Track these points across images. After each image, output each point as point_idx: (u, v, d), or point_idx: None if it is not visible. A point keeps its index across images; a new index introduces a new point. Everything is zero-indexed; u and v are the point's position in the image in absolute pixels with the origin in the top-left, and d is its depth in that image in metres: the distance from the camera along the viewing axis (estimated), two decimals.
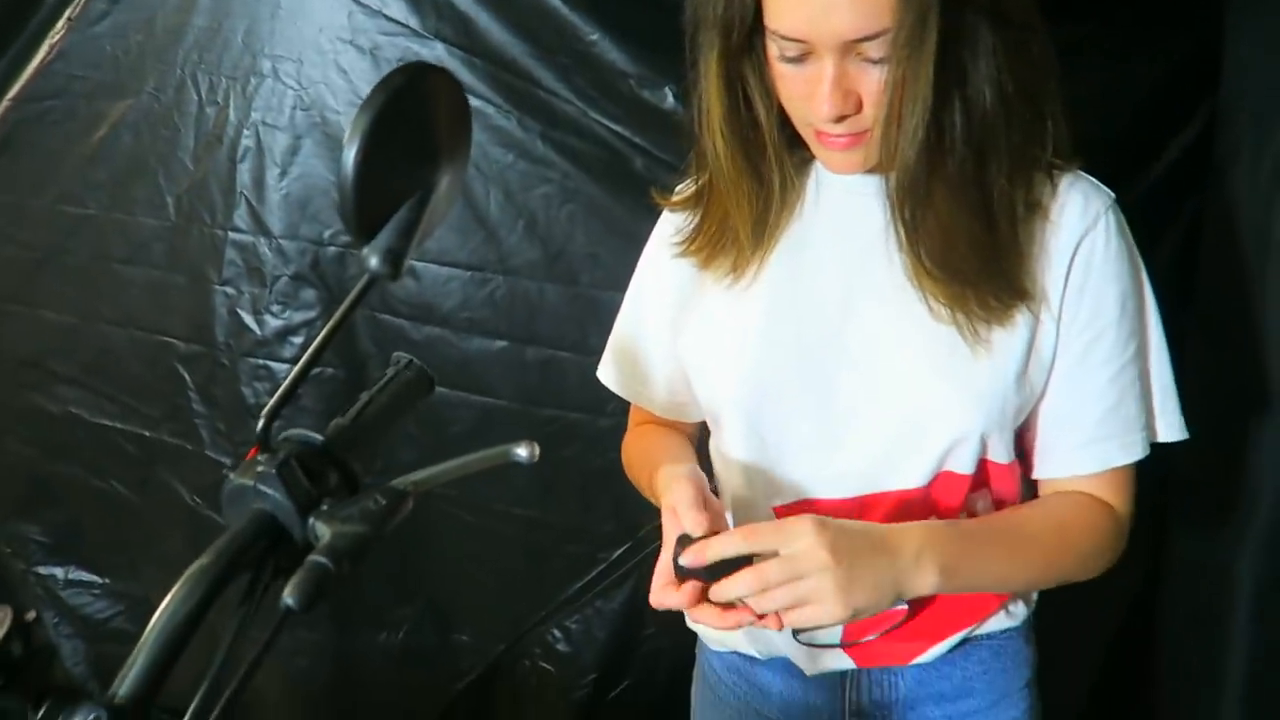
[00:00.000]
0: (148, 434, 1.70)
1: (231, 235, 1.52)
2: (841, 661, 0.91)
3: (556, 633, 1.52)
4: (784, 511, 0.87)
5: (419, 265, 1.43)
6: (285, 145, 1.46)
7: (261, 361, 1.55)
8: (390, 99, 0.51)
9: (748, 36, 0.78)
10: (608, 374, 1.02)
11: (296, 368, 0.54)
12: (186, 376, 1.63)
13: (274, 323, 1.52)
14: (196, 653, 0.52)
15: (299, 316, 1.51)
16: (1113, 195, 0.83)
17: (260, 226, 1.50)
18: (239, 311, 1.54)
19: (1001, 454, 0.85)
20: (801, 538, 0.71)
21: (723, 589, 0.72)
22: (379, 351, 1.49)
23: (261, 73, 1.46)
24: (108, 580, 1.84)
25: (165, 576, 0.52)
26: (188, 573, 0.52)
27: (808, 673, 0.93)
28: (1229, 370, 1.13)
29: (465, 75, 1.35)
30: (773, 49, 0.77)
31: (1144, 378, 0.85)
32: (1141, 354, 0.85)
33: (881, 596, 0.73)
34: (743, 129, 0.83)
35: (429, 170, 0.56)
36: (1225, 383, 1.13)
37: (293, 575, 0.51)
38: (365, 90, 1.40)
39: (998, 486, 0.88)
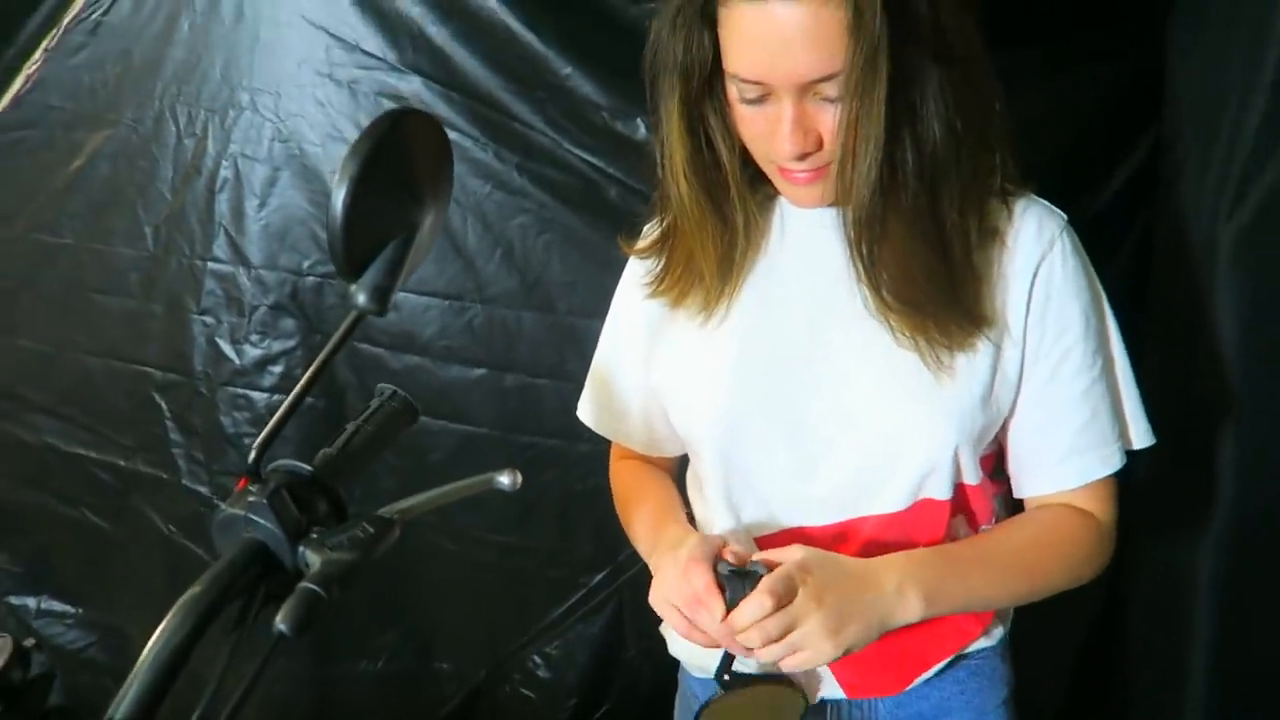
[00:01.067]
0: (123, 463, 1.69)
1: (210, 265, 1.53)
2: (833, 691, 0.92)
3: (537, 659, 1.53)
4: (766, 543, 0.89)
5: (398, 295, 1.44)
6: (264, 177, 1.48)
7: (240, 390, 1.55)
8: (377, 144, 0.54)
9: (708, 80, 0.81)
10: (586, 413, 1.04)
11: (287, 401, 0.55)
12: (164, 405, 1.62)
13: (253, 352, 1.53)
14: (178, 690, 0.53)
15: (278, 346, 1.52)
16: (1065, 217, 0.87)
17: (239, 257, 1.51)
18: (217, 340, 1.55)
19: (971, 475, 0.88)
20: (802, 588, 0.75)
21: (739, 641, 0.76)
22: (358, 381, 1.50)
23: (240, 105, 1.47)
24: (81, 610, 1.82)
25: (140, 607, 0.53)
26: (181, 600, 0.53)
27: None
28: (1184, 377, 1.17)
29: (442, 109, 1.37)
30: (733, 91, 0.80)
31: (1113, 389, 0.88)
32: (1108, 366, 0.88)
33: (869, 632, 0.78)
34: (706, 171, 0.85)
35: (413, 210, 0.58)
36: (1181, 389, 1.17)
37: (283, 602, 0.53)
38: (342, 123, 1.44)
39: (975, 507, 0.90)
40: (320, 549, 0.55)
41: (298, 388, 0.56)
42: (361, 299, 0.56)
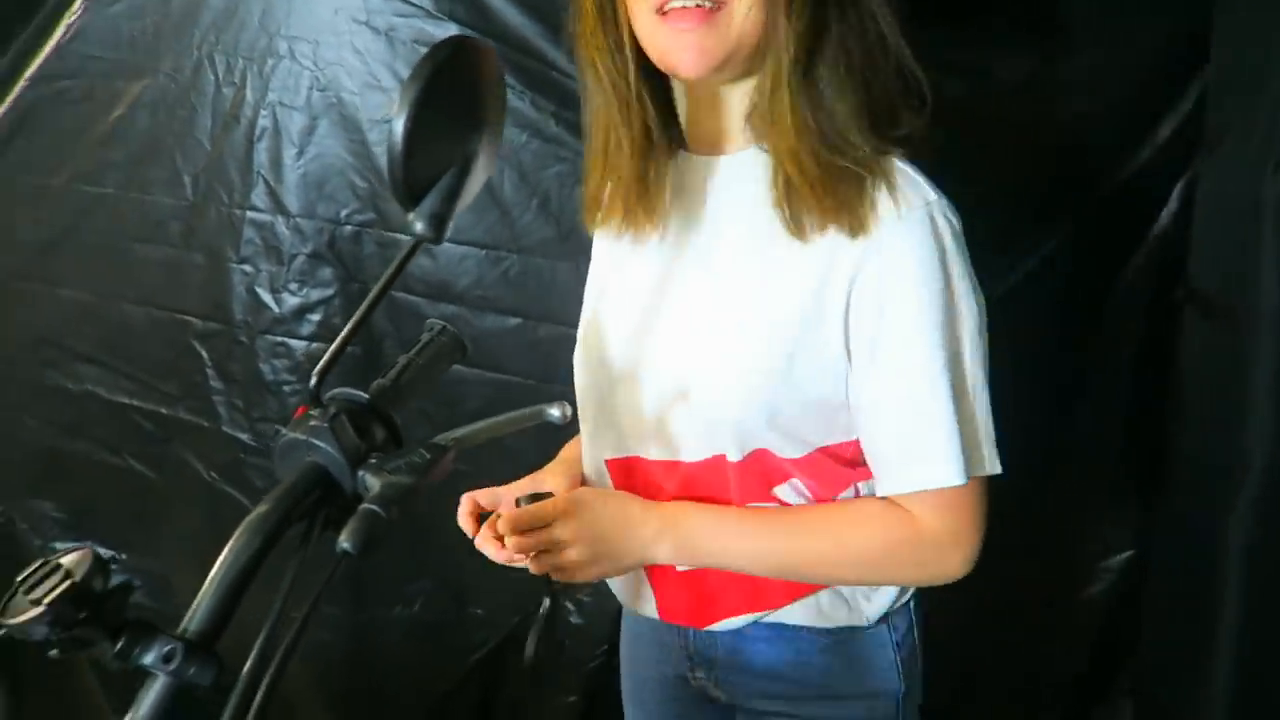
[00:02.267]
0: (165, 411, 1.72)
1: (249, 214, 1.54)
2: (649, 609, 0.98)
3: (570, 605, 1.55)
4: (612, 465, 0.96)
5: None
6: (302, 125, 1.48)
7: (279, 339, 1.57)
8: (437, 70, 0.54)
9: None
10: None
11: (348, 326, 0.56)
12: (204, 354, 1.65)
13: (291, 300, 1.54)
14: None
15: (316, 294, 1.54)
16: (935, 197, 0.79)
17: (278, 206, 1.52)
18: (256, 289, 1.56)
19: (787, 449, 0.86)
20: (566, 518, 0.86)
21: (516, 544, 0.85)
22: (396, 330, 1.51)
23: (278, 53, 1.48)
24: (125, 556, 1.86)
25: (182, 552, 0.54)
26: (246, 520, 0.55)
27: (626, 605, 1.02)
28: (1221, 342, 1.15)
29: None
30: None
31: (964, 405, 0.80)
32: (959, 378, 0.79)
33: (621, 566, 0.90)
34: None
35: (470, 139, 0.59)
36: (1218, 355, 1.16)
37: (343, 525, 0.54)
38: (380, 71, 1.43)
39: (808, 479, 0.88)
40: (379, 473, 0.57)
41: (358, 313, 0.57)
42: (419, 226, 0.56)
